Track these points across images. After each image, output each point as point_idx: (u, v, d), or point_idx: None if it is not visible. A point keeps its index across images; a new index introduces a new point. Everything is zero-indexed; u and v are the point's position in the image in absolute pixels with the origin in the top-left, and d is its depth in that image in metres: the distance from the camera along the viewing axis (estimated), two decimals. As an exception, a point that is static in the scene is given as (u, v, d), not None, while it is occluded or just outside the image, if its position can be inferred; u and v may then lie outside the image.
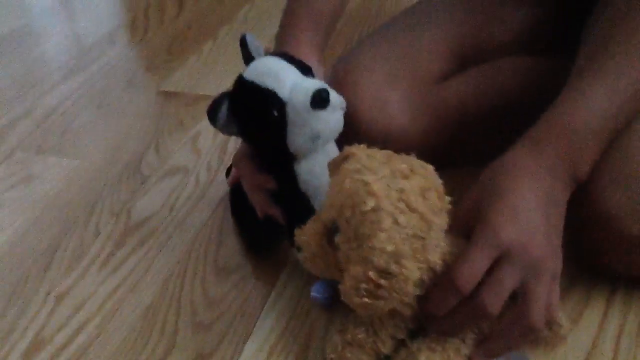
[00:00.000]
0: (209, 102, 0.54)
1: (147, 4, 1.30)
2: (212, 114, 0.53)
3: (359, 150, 0.49)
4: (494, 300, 0.46)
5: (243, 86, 0.54)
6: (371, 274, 0.44)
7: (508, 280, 0.46)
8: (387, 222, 0.44)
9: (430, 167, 0.49)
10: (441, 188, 0.48)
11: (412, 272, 0.45)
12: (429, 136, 0.70)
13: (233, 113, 0.54)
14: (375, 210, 0.44)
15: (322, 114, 0.52)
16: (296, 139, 0.53)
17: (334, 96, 0.53)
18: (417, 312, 0.48)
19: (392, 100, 0.69)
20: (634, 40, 0.54)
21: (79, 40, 1.19)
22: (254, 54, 0.58)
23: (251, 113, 0.54)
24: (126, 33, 1.21)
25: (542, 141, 0.52)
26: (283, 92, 0.52)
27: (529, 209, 0.48)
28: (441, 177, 0.49)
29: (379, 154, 0.48)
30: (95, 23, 1.24)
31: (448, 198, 0.48)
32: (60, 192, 0.79)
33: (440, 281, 0.47)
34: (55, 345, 0.59)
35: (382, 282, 0.44)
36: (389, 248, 0.44)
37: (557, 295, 0.49)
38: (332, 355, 0.53)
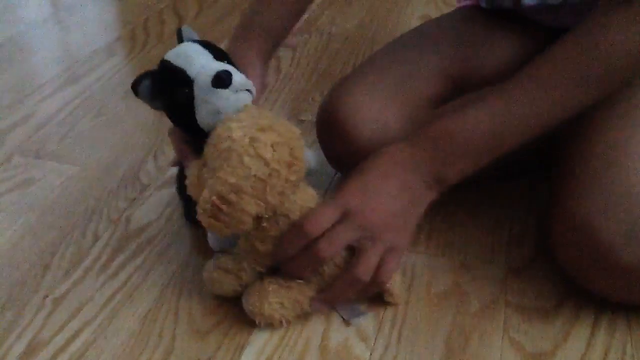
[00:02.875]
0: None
1: (146, 18, 1.32)
2: (134, 88, 0.61)
3: (246, 108, 0.59)
4: (328, 247, 0.56)
5: (161, 65, 0.61)
6: (214, 198, 0.53)
7: (342, 234, 0.56)
8: (234, 160, 0.53)
9: (295, 130, 0.57)
10: (297, 148, 0.56)
11: (248, 205, 0.54)
12: None
13: (156, 89, 0.61)
14: (228, 149, 0.54)
15: (224, 93, 0.58)
16: (201, 114, 0.60)
17: (238, 79, 0.59)
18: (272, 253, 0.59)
19: (391, 122, 0.72)
20: (541, 70, 0.57)
21: (74, 51, 1.20)
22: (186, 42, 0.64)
23: (166, 89, 0.61)
24: (125, 45, 1.22)
25: (417, 141, 0.60)
26: (191, 71, 0.59)
27: (380, 185, 0.58)
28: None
29: (256, 112, 0.58)
30: (90, 35, 1.25)
31: (301, 157, 0.56)
32: (59, 197, 0.80)
33: (292, 226, 0.57)
34: (51, 349, 0.59)
35: (224, 207, 0.54)
36: (231, 180, 0.53)
37: (392, 267, 0.59)
38: (205, 275, 0.63)
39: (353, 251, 0.58)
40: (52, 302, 0.64)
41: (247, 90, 0.60)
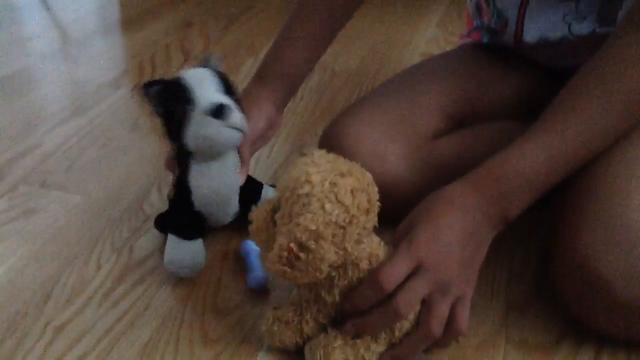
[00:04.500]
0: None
1: (153, 53, 1.35)
2: (145, 88, 0.64)
3: (316, 151, 0.57)
4: (406, 304, 0.54)
5: (176, 78, 0.65)
6: (292, 245, 0.51)
7: (419, 289, 0.54)
8: (315, 206, 0.52)
9: (369, 176, 0.56)
10: (373, 193, 0.55)
11: (328, 252, 0.52)
12: (424, 188, 0.73)
13: (163, 97, 0.65)
14: (307, 194, 0.52)
15: (217, 123, 0.62)
16: (189, 135, 0.63)
17: (236, 117, 0.63)
18: (339, 303, 0.56)
19: (390, 154, 0.73)
20: (576, 105, 0.59)
21: (82, 84, 1.22)
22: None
23: (169, 100, 0.64)
24: (132, 79, 1.24)
25: (479, 183, 0.59)
26: (198, 94, 0.63)
27: (450, 235, 0.56)
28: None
29: (330, 156, 0.56)
30: (98, 69, 1.28)
31: (378, 203, 0.55)
32: (63, 226, 0.80)
33: (365, 279, 0.55)
34: (51, 377, 0.59)
35: (301, 255, 0.51)
36: (312, 227, 0.51)
37: (465, 316, 0.57)
38: (263, 327, 0.60)
39: (421, 303, 0.56)
40: (53, 331, 0.64)
41: (239, 130, 0.64)
